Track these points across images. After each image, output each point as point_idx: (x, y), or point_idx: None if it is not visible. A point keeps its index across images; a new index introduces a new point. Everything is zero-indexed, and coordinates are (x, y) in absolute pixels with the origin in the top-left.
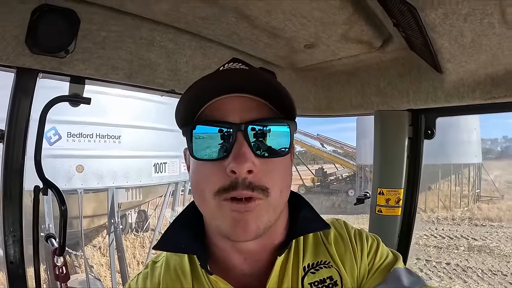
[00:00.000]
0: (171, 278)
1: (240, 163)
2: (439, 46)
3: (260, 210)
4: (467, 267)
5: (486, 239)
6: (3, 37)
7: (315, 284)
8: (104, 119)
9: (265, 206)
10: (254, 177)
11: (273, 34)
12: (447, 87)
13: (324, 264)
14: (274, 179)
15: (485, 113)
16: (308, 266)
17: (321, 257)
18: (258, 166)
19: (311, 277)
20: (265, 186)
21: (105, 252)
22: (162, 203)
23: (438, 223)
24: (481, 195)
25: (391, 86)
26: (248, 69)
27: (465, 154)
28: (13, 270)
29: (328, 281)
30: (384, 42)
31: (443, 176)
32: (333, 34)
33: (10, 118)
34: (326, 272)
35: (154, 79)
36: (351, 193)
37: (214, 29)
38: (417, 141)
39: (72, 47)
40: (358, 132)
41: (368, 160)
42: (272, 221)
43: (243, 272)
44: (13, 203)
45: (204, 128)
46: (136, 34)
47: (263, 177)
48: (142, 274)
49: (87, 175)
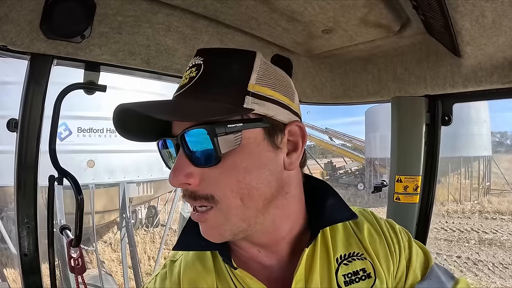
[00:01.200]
0: (192, 276)
1: (171, 177)
2: (460, 28)
3: (214, 220)
4: (478, 261)
5: (497, 232)
6: (17, 22)
7: (348, 276)
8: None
9: (219, 215)
10: (196, 187)
11: (292, 18)
12: (465, 71)
13: (357, 256)
14: (222, 187)
15: (502, 98)
16: (341, 258)
17: (354, 248)
18: (199, 176)
19: (344, 268)
20: (209, 195)
21: (116, 248)
22: (173, 197)
23: (448, 216)
24: (491, 188)
25: (408, 71)
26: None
27: (475, 147)
28: (27, 263)
29: (361, 273)
30: (402, 26)
31: (453, 169)
32: (351, 18)
33: (24, 107)
34: (359, 264)
35: (171, 64)
36: (361, 186)
37: (232, 13)
38: (434, 127)
39: (88, 32)
40: (367, 125)
41: (377, 154)
42: (243, 226)
43: (262, 264)
44: (27, 193)
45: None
46: (153, 19)
47: (206, 186)
48: (160, 275)
49: (98, 170)
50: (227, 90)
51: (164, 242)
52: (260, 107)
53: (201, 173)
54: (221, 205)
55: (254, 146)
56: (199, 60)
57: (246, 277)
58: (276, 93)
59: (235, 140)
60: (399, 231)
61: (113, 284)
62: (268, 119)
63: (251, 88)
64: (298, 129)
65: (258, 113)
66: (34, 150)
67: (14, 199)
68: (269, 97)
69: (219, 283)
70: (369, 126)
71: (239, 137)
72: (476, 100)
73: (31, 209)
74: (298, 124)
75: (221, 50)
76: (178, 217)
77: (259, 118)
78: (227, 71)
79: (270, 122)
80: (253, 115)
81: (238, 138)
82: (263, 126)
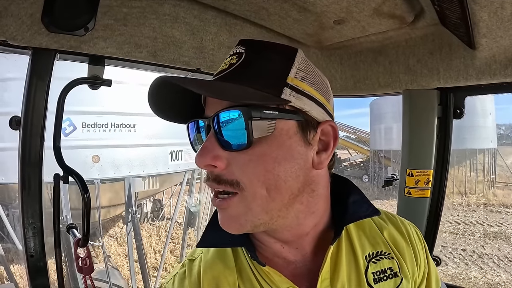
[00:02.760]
0: (213, 275)
1: (198, 157)
2: (478, 19)
3: (236, 209)
4: (483, 254)
5: (502, 226)
6: (18, 16)
7: (377, 273)
8: (119, 108)
9: (242, 204)
10: (222, 171)
11: (303, 8)
12: (479, 64)
13: (385, 255)
14: (248, 174)
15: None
16: (370, 256)
17: (382, 247)
18: (226, 160)
19: (373, 266)
20: (234, 180)
21: (121, 242)
22: (179, 191)
23: (453, 209)
24: (496, 181)
25: (421, 63)
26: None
27: (480, 139)
28: (34, 264)
29: (389, 272)
30: (415, 17)
31: (458, 162)
32: (365, 8)
33: (27, 104)
34: (387, 262)
35: (179, 57)
36: (365, 179)
37: (242, 3)
38: (446, 120)
39: (92, 24)
40: (372, 117)
41: (382, 146)
42: (265, 219)
43: (286, 260)
44: (32, 193)
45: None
46: (159, 10)
47: (233, 171)
48: (178, 275)
49: (104, 165)
50: (266, 79)
51: (170, 236)
52: (296, 100)
53: (229, 157)
54: (246, 192)
55: (286, 138)
56: (241, 49)
57: (274, 274)
58: (314, 90)
59: (269, 127)
60: (423, 240)
61: (119, 278)
62: (303, 113)
63: (290, 80)
64: (331, 129)
65: (294, 105)
66: (38, 148)
67: (18, 198)
68: (306, 93)
69: (241, 283)
70: (374, 118)
71: (272, 125)
72: (488, 93)
73: (36, 208)
74: (331, 124)
75: (264, 42)
76: (184, 211)
77: (294, 111)
78: (268, 62)
79: (305, 117)
80: (289, 107)
81: (271, 126)
82: (297, 120)
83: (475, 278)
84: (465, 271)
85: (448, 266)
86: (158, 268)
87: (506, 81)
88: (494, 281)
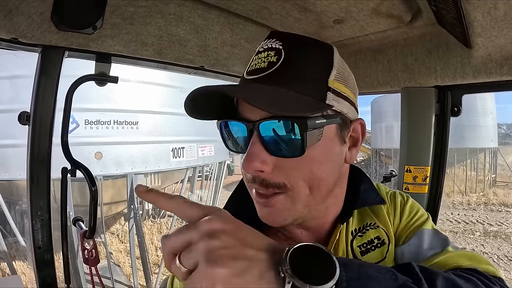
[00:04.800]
0: None
1: (246, 162)
2: (472, 19)
3: (281, 205)
4: (483, 253)
5: (502, 225)
6: (28, 14)
7: (364, 245)
8: (121, 105)
9: (287, 200)
10: (268, 175)
11: (304, 8)
12: (475, 62)
13: (370, 226)
14: (294, 176)
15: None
16: (355, 231)
17: (367, 219)
18: (272, 164)
19: (358, 240)
20: (281, 183)
21: (123, 239)
22: (180, 188)
23: (453, 208)
24: (496, 180)
25: (419, 62)
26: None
27: (481, 138)
28: (41, 255)
29: (376, 241)
30: (413, 17)
31: (458, 161)
32: (364, 8)
33: (36, 100)
34: (373, 233)
35: (183, 55)
36: None
37: (245, 3)
38: (444, 118)
39: (100, 23)
40: (372, 116)
41: (383, 144)
42: (304, 212)
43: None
44: (40, 186)
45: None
46: (164, 9)
47: (279, 175)
48: None
49: (106, 161)
50: (310, 82)
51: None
52: (338, 104)
53: (275, 161)
54: (291, 192)
55: (329, 140)
56: (277, 44)
57: None
58: (348, 90)
59: (318, 135)
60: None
61: (121, 274)
62: (342, 115)
63: (331, 84)
64: (360, 127)
65: (336, 109)
66: (47, 143)
67: (27, 192)
68: (343, 94)
69: None
70: (375, 116)
71: (321, 132)
72: (485, 92)
73: (44, 202)
74: (361, 122)
75: (298, 37)
76: None
77: (335, 115)
78: (309, 62)
79: (343, 119)
80: (331, 112)
81: (320, 133)
82: (338, 122)
83: None
84: None
85: None
86: (159, 265)
87: (502, 80)
88: None
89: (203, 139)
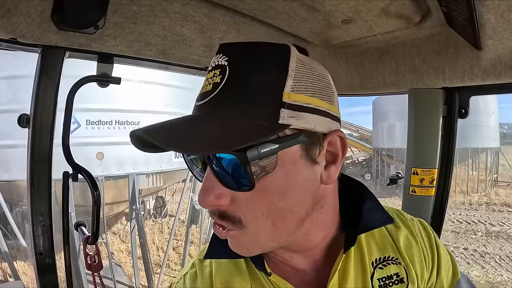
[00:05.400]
0: (225, 277)
1: (201, 197)
2: (484, 21)
3: (237, 239)
4: (485, 253)
5: (504, 225)
6: (28, 13)
7: (383, 279)
8: (123, 105)
9: (243, 237)
10: (228, 207)
11: (312, 7)
12: (484, 64)
13: (392, 260)
14: (253, 210)
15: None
16: (376, 261)
17: (389, 252)
18: (230, 196)
19: (379, 272)
20: (237, 217)
21: (124, 239)
22: (183, 188)
23: (455, 208)
24: (498, 180)
25: (427, 63)
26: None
27: (483, 138)
28: (42, 261)
29: (395, 278)
30: (422, 17)
31: (460, 161)
32: (373, 8)
33: (36, 101)
34: (394, 268)
35: (188, 55)
36: (368, 177)
37: (251, 2)
38: (451, 120)
39: (102, 22)
40: (374, 115)
41: (385, 144)
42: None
43: (295, 268)
44: (41, 191)
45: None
46: (168, 8)
47: (238, 208)
48: (189, 275)
49: (108, 162)
50: (258, 103)
51: (173, 233)
52: (297, 121)
53: (232, 193)
54: (246, 229)
55: (290, 165)
56: (223, 60)
57: (281, 283)
58: (315, 99)
59: (270, 164)
60: (431, 232)
61: (122, 275)
62: (307, 132)
63: (286, 97)
64: (338, 140)
65: (296, 127)
66: (48, 146)
67: (27, 196)
68: (306, 106)
69: (253, 284)
70: (376, 116)
71: (274, 160)
72: (493, 93)
73: (45, 206)
74: (339, 134)
75: (248, 46)
76: (187, 208)
77: (296, 134)
78: (257, 77)
79: (309, 135)
80: (289, 131)
81: (273, 161)
82: (301, 142)
83: (476, 277)
84: (466, 270)
85: None
86: (161, 265)
87: (510, 82)
88: (496, 280)
89: None
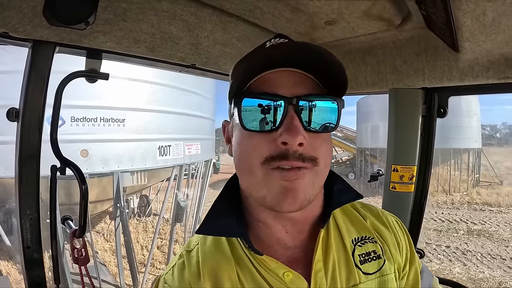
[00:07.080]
0: (212, 265)
1: (292, 135)
2: (461, 24)
3: (309, 178)
4: (466, 251)
5: (485, 224)
6: (20, 8)
7: (362, 255)
8: (108, 102)
9: (313, 175)
10: (304, 149)
11: (296, 8)
12: (462, 66)
13: (369, 240)
14: (322, 153)
15: (497, 93)
16: (355, 240)
17: (366, 232)
18: (307, 140)
19: (359, 249)
20: (314, 157)
21: (108, 238)
22: (167, 186)
23: (437, 206)
24: (480, 180)
25: (407, 64)
26: (297, 42)
27: (465, 139)
28: (30, 255)
29: (373, 254)
30: (403, 20)
31: (443, 161)
32: (355, 10)
33: (25, 96)
34: (371, 246)
35: (175, 53)
36: (351, 176)
37: (237, 2)
38: (430, 119)
39: (92, 18)
40: (358, 115)
41: (368, 144)
42: (316, 192)
43: (286, 246)
44: (30, 185)
45: (253, 101)
46: (157, 7)
47: (311, 150)
48: (177, 266)
49: (92, 159)
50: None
51: (158, 232)
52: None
53: (308, 138)
54: (317, 167)
55: None
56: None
57: (271, 262)
58: None
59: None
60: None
61: (107, 274)
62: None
63: None
64: None
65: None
66: (37, 140)
67: (15, 190)
68: None
69: (239, 271)
70: (360, 116)
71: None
72: (471, 94)
73: (33, 200)
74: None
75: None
76: (171, 207)
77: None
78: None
79: None
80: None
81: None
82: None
83: (458, 274)
84: (448, 267)
85: (432, 262)
86: (145, 264)
87: (487, 83)
88: (477, 277)
89: (189, 137)
